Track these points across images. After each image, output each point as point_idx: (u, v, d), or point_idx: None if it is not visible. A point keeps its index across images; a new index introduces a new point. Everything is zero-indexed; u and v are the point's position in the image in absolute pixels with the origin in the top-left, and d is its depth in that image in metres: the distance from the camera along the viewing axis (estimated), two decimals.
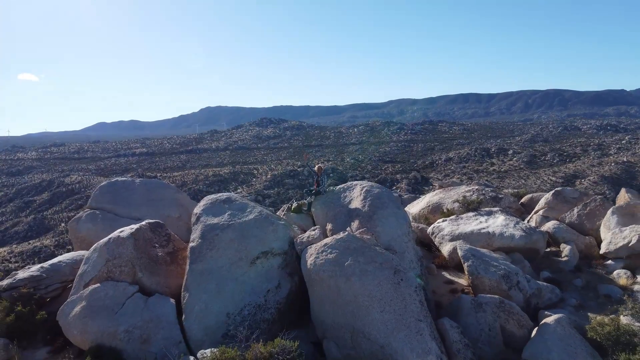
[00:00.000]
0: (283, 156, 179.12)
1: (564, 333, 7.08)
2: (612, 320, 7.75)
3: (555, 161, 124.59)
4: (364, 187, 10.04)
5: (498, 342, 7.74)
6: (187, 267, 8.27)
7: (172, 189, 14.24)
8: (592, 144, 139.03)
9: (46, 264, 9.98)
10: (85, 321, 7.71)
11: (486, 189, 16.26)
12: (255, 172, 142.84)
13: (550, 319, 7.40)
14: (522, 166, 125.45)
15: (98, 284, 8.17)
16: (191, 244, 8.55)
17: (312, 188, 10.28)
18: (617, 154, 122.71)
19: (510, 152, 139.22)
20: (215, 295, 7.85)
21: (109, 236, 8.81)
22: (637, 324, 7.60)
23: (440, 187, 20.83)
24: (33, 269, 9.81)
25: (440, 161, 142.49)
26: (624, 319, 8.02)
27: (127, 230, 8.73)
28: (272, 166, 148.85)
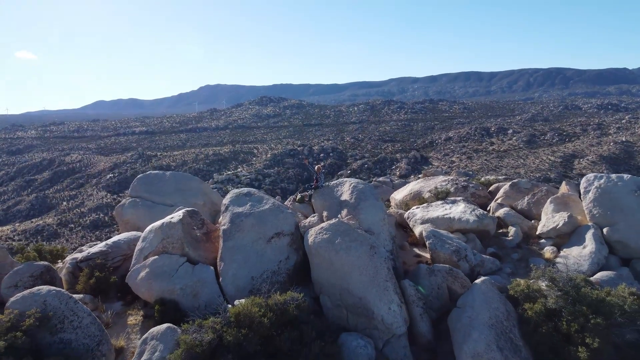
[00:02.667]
0: (283, 135, 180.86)
1: (486, 289, 10.15)
2: (525, 282, 10.83)
3: (554, 141, 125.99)
4: (352, 183, 12.97)
5: (444, 297, 10.85)
6: (221, 243, 11.30)
7: (197, 180, 17.17)
8: (592, 123, 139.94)
9: (109, 242, 13.04)
10: (150, 282, 10.78)
11: (459, 179, 19.17)
12: (255, 151, 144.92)
13: (479, 280, 10.47)
14: (521, 146, 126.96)
15: (156, 256, 11.20)
16: (223, 227, 11.56)
17: (312, 184, 13.23)
18: (616, 133, 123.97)
19: (510, 131, 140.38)
20: (242, 264, 10.91)
21: (162, 221, 11.79)
22: (543, 284, 10.65)
23: (425, 175, 23.80)
24: (100, 245, 12.87)
25: (440, 140, 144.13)
26: (540, 282, 11.09)
27: (176, 216, 11.70)
28: (272, 145, 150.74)
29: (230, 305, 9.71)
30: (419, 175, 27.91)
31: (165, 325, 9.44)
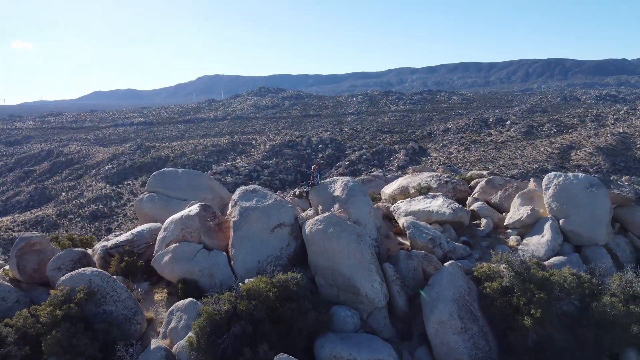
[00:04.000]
0: (281, 126, 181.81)
1: (452, 270, 12.24)
2: (488, 265, 12.91)
3: (552, 132, 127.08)
4: (343, 181, 14.98)
5: (420, 277, 12.93)
6: (232, 233, 13.33)
7: (206, 177, 19.15)
8: (589, 114, 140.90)
9: (134, 231, 15.05)
10: (172, 265, 12.83)
11: (443, 175, 21.15)
12: (254, 142, 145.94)
13: (447, 263, 12.55)
14: (519, 137, 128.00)
15: (177, 244, 13.23)
16: (233, 219, 13.58)
17: (309, 182, 15.24)
18: (614, 124, 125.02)
19: (508, 122, 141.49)
20: (250, 251, 12.96)
21: (181, 213, 13.80)
22: (502, 266, 12.71)
23: (413, 171, 25.81)
24: (126, 235, 14.89)
25: (438, 131, 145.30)
26: (501, 265, 13.16)
27: (192, 210, 13.71)
28: (270, 136, 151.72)
29: (241, 283, 11.78)
30: (401, 175, 29.81)
31: (188, 299, 11.55)
